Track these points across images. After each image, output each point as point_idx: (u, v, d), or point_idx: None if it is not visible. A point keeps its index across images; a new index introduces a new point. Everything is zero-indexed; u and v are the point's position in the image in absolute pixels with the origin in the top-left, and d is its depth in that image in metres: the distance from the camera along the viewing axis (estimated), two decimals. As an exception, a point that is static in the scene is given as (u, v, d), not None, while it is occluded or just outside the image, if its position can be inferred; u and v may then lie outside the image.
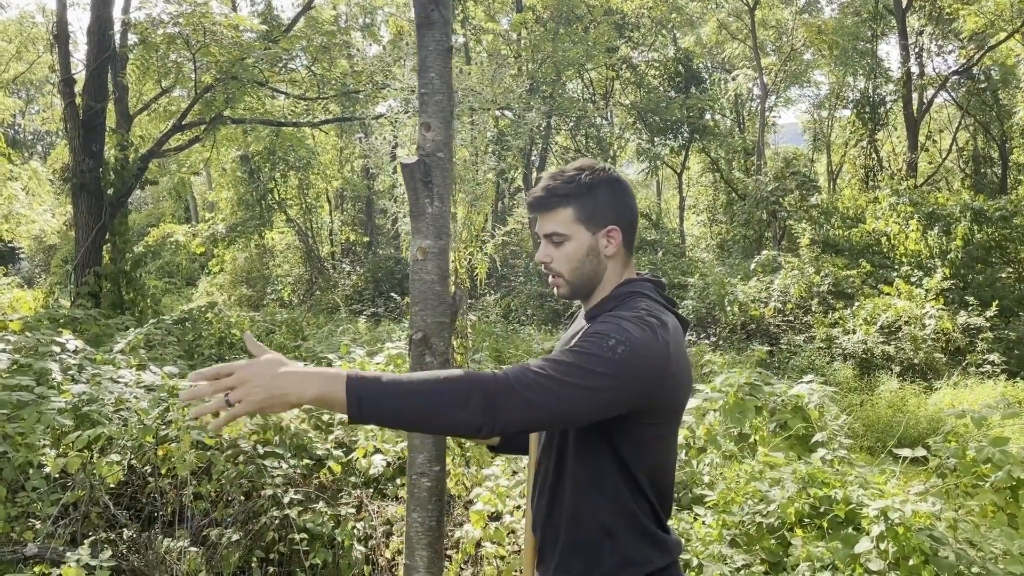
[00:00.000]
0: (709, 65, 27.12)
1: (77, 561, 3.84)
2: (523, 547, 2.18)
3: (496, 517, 4.08)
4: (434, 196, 2.17)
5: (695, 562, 2.95)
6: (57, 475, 4.85)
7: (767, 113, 24.12)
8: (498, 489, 3.93)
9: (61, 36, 11.72)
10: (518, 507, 4.04)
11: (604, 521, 1.82)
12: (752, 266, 14.92)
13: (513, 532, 3.96)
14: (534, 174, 20.69)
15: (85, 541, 4.27)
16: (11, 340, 6.07)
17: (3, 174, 15.08)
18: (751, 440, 4.31)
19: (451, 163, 2.32)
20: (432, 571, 2.11)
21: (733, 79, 25.16)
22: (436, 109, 2.22)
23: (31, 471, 4.79)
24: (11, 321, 6.82)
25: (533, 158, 21.29)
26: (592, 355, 1.68)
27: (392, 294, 17.57)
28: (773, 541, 3.15)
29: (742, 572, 2.91)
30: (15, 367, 5.62)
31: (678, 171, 25.53)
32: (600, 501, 1.83)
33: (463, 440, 4.54)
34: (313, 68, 13.28)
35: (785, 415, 4.43)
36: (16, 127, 33.70)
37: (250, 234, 22.64)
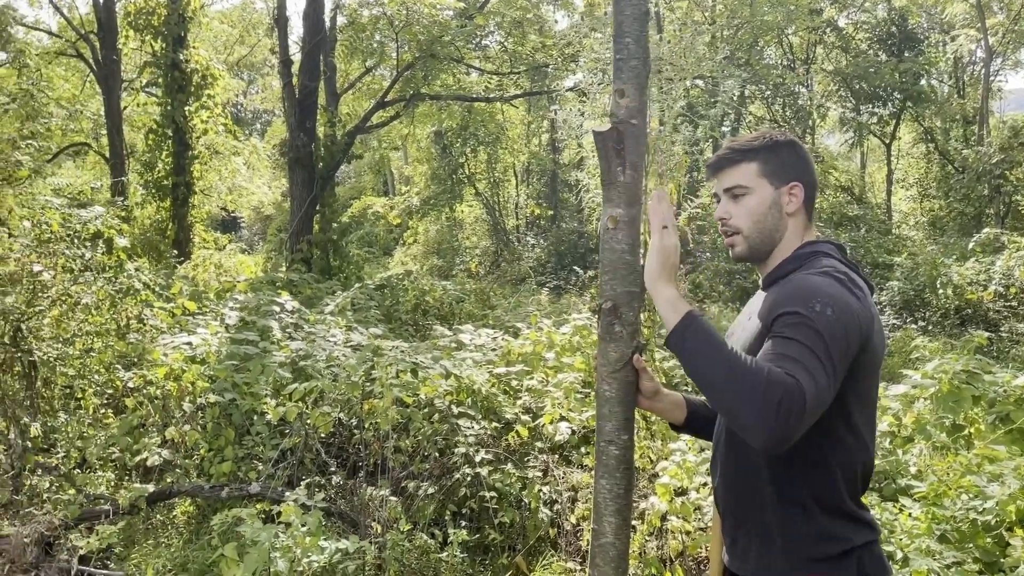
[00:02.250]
0: (925, 25, 24.81)
1: (295, 500, 4.25)
2: (711, 525, 2.15)
3: (682, 492, 4.05)
4: (627, 164, 2.16)
5: (899, 554, 2.79)
6: (276, 423, 5.38)
7: (992, 78, 21.74)
8: (685, 464, 3.90)
9: (280, 20, 12.72)
10: (704, 484, 3.99)
11: (804, 493, 1.76)
12: (970, 245, 13.60)
13: (699, 509, 3.92)
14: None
15: (301, 483, 4.72)
16: (239, 300, 6.76)
17: (228, 150, 16.69)
18: (966, 432, 3.99)
19: (645, 131, 2.29)
20: (620, 538, 2.13)
21: (953, 40, 22.87)
22: (631, 75, 2.19)
23: (255, 418, 5.34)
24: (239, 283, 7.58)
25: (724, 128, 20.56)
26: (816, 333, 1.61)
27: (575, 267, 17.72)
28: (989, 540, 2.91)
29: (952, 569, 2.71)
30: (242, 324, 6.26)
31: (886, 142, 23.66)
32: (800, 471, 1.76)
33: (648, 413, 4.54)
34: (506, 43, 13.55)
35: (1007, 407, 4.05)
36: (238, 106, 36.99)
37: (441, 207, 23.64)
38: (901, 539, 2.94)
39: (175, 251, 11.82)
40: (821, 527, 1.75)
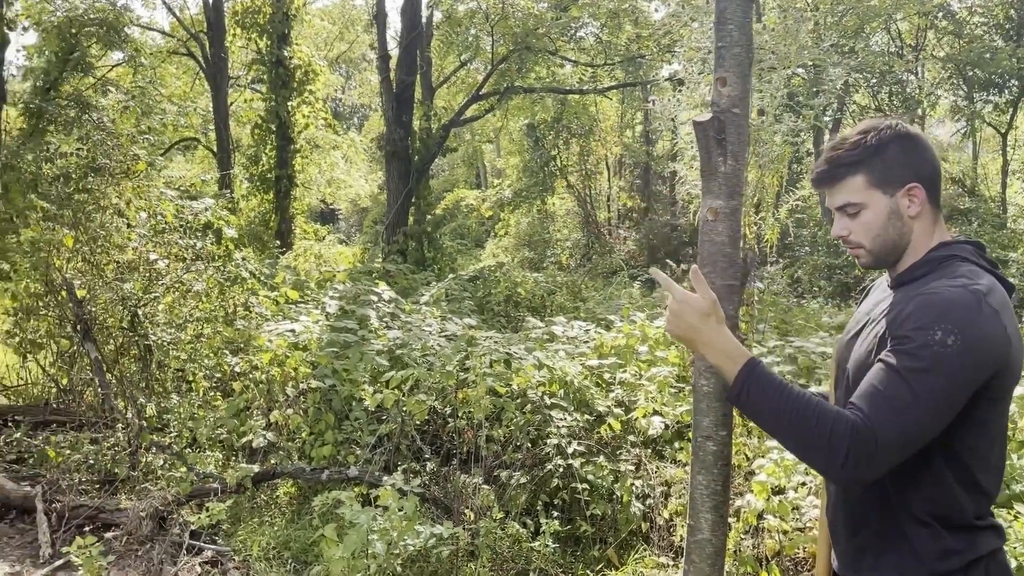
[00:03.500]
0: (1047, 8, 23.24)
1: (392, 485, 4.36)
2: (812, 526, 2.10)
3: (779, 491, 3.95)
4: (727, 154, 2.12)
5: (1014, 563, 2.65)
6: (374, 409, 5.53)
7: (1121, 61, 20.16)
8: (783, 462, 3.80)
9: (379, 16, 13.01)
10: (803, 484, 3.88)
11: (924, 510, 1.67)
12: (1094, 240, 12.72)
13: (797, 508, 3.82)
14: (827, 137, 19.27)
15: (397, 469, 4.84)
16: (338, 289, 6.97)
17: (328, 144, 17.20)
18: (1089, 438, 3.74)
19: (747, 120, 2.24)
20: (716, 535, 2.10)
21: (1080, 21, 21.33)
22: (733, 63, 2.14)
23: (353, 404, 5.50)
24: (338, 273, 7.82)
25: (826, 118, 19.82)
26: (924, 370, 1.55)
27: (668, 261, 17.48)
28: None
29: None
30: (341, 313, 6.45)
31: (1002, 131, 22.33)
32: (920, 488, 1.67)
33: None
34: (601, 34, 13.46)
35: None
36: (337, 101, 38.05)
37: (533, 199, 23.72)
38: (1015, 547, 2.79)
39: (278, 241, 12.28)
40: (945, 544, 1.66)
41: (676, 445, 4.80)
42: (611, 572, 4.18)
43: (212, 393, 6.04)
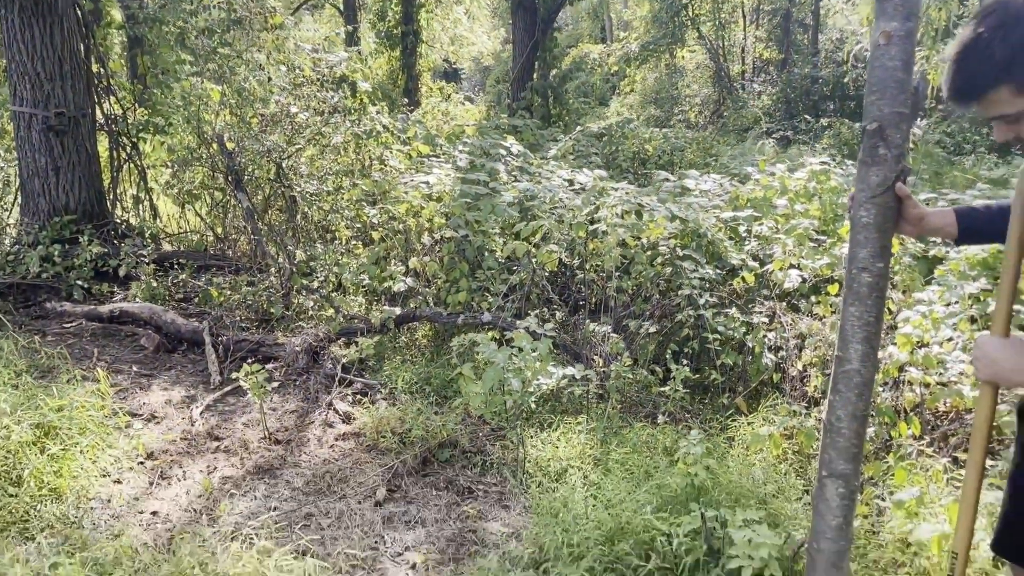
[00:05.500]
0: None
1: (526, 328, 4.51)
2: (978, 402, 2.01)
3: (923, 345, 3.83)
4: (904, -31, 1.94)
5: None
6: (505, 259, 5.66)
7: None
8: (932, 315, 3.66)
9: None
10: (949, 339, 3.74)
11: None
12: None
13: (942, 363, 3.70)
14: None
15: (528, 316, 4.99)
16: (468, 143, 7.02)
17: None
18: None
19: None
20: (866, 366, 2.07)
21: None
22: None
23: (486, 254, 5.64)
24: (467, 127, 7.85)
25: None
26: None
27: (806, 116, 16.47)
28: None
29: None
30: (471, 166, 6.51)
31: None
32: None
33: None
34: None
35: None
36: (459, -46, 36.81)
37: (661, 52, 22.61)
38: None
39: (405, 100, 12.37)
40: None
41: (813, 299, 4.69)
42: (740, 419, 4.24)
43: (354, 242, 6.33)
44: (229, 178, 6.22)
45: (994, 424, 3.11)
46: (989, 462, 3.33)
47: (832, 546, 2.17)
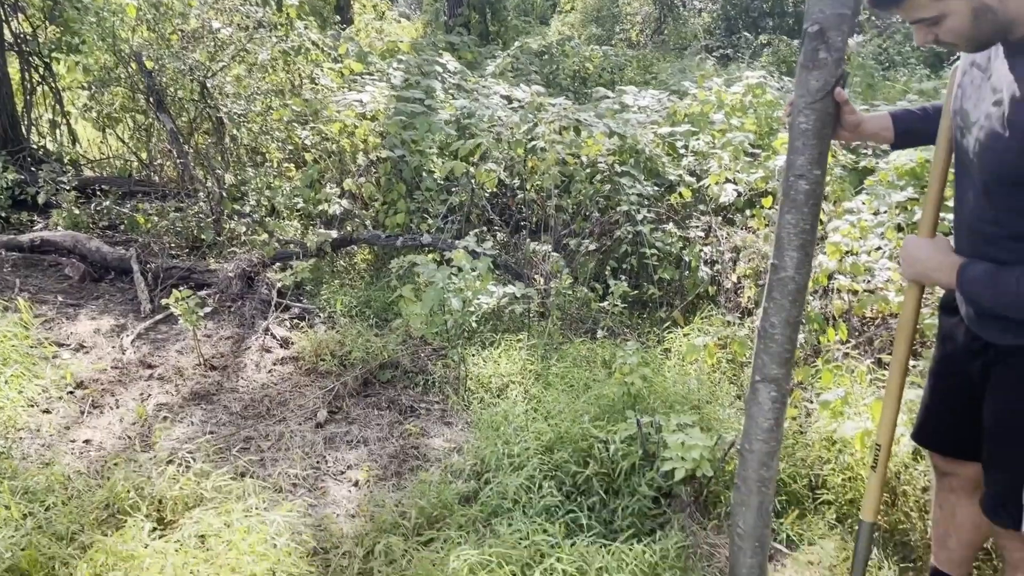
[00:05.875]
0: None
1: (464, 247, 4.47)
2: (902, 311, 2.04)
3: (852, 254, 3.92)
4: None
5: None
6: (444, 180, 5.57)
7: None
8: (861, 224, 3.74)
9: None
10: (878, 248, 3.83)
11: None
12: None
13: (869, 271, 3.80)
14: None
15: (469, 235, 4.94)
16: (403, 61, 6.80)
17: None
18: None
19: None
20: (800, 272, 2.10)
21: None
22: None
23: (424, 175, 5.54)
24: (401, 43, 7.59)
25: None
26: None
27: (746, 33, 16.40)
28: None
29: None
30: (407, 84, 6.33)
31: None
32: None
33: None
34: None
35: None
36: None
37: (603, -31, 22.11)
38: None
39: (337, 17, 11.87)
40: None
41: (748, 212, 4.75)
42: (677, 331, 4.31)
43: (286, 165, 6.15)
44: (150, 99, 5.93)
45: (918, 326, 3.23)
46: (912, 362, 3.47)
47: (763, 447, 2.23)
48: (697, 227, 4.82)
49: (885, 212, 3.83)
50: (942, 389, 2.11)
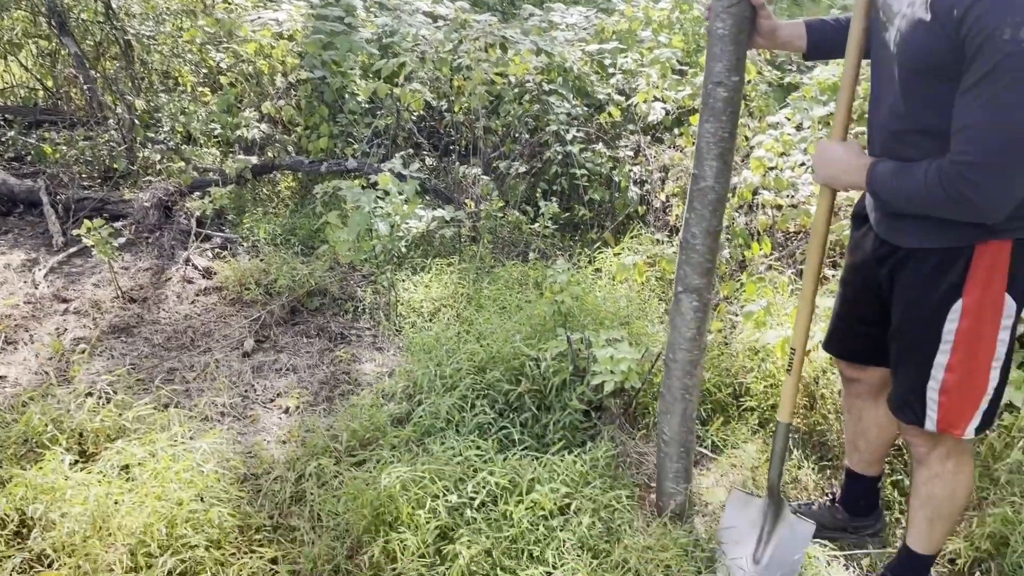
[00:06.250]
0: None
1: (390, 170, 4.37)
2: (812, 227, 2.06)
3: (774, 169, 3.97)
4: None
5: None
6: (368, 102, 5.40)
7: None
8: (784, 138, 3.78)
9: None
10: (801, 164, 3.89)
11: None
12: None
13: (792, 185, 3.86)
14: None
15: (396, 156, 4.83)
16: (321, -23, 6.48)
17: None
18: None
19: None
20: (720, 182, 2.10)
21: None
22: None
23: (347, 96, 5.35)
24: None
25: None
26: (1010, 84, 1.46)
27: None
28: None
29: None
30: (325, 3, 6.05)
31: None
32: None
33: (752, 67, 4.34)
34: None
35: None
36: None
37: None
38: None
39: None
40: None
41: (676, 131, 4.75)
42: (608, 251, 4.34)
43: (200, 89, 5.86)
44: (52, 22, 5.54)
45: (833, 233, 3.30)
46: (830, 272, 3.57)
47: (686, 356, 2.28)
48: (626, 147, 4.81)
49: (808, 127, 3.88)
50: (852, 298, 2.16)
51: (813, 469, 2.71)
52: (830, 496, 2.50)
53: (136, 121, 5.19)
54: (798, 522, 2.19)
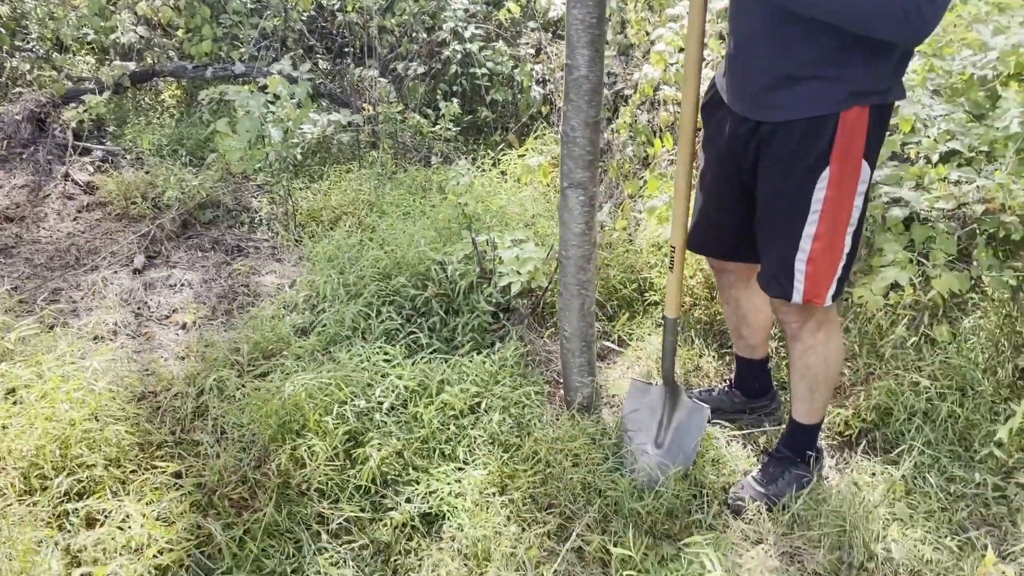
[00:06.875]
0: None
1: (280, 72, 4.15)
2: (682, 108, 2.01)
3: (675, 64, 3.95)
4: None
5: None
6: (254, 3, 5.08)
7: None
8: (683, 32, 3.74)
9: None
10: (700, 59, 3.88)
11: (858, 38, 1.67)
12: None
13: (693, 81, 3.86)
14: None
15: (285, 57, 4.58)
16: None
17: None
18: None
19: None
20: (593, 70, 2.04)
21: None
22: None
23: (230, -4, 5.01)
24: None
25: None
26: None
27: None
28: (982, 93, 2.89)
29: (941, 119, 2.74)
30: None
31: None
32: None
33: None
34: None
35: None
36: None
37: None
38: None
39: None
40: (873, 74, 1.73)
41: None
42: (513, 153, 4.28)
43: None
44: None
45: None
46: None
47: (578, 252, 2.26)
48: (527, 44, 4.70)
49: (708, 20, 3.85)
50: (714, 191, 2.14)
51: (713, 357, 2.80)
52: (728, 382, 2.59)
53: (0, 29, 4.74)
54: (695, 407, 2.27)
